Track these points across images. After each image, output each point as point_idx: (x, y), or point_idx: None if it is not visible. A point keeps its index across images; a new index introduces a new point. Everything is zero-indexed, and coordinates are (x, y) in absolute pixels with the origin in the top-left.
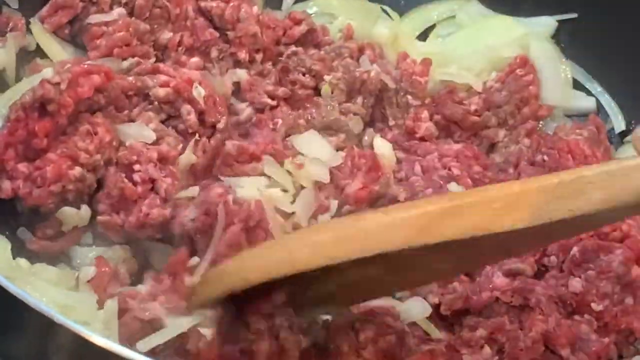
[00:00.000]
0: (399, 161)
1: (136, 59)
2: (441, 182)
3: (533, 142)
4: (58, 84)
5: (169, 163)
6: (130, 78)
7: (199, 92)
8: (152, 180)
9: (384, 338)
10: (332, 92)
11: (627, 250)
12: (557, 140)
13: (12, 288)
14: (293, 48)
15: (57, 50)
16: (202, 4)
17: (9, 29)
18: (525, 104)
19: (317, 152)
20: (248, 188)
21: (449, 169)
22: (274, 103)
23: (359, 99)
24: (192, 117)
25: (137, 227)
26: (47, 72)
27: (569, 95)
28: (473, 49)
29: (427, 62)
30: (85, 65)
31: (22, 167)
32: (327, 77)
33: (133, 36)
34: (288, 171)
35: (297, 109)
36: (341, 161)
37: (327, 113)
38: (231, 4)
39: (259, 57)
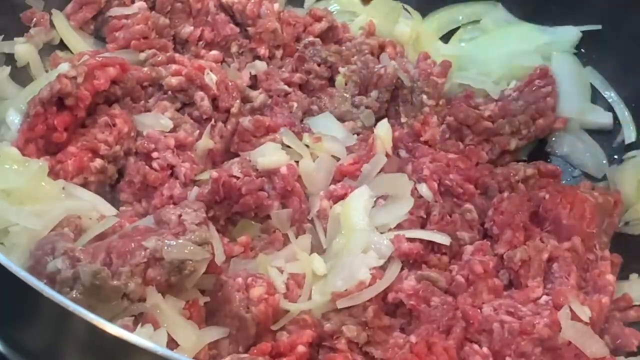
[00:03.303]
0: (401, 159)
1: (152, 50)
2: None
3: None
4: (74, 77)
5: (187, 149)
6: (145, 69)
7: (210, 78)
8: (171, 166)
9: None
10: (345, 84)
11: (554, 315)
12: (568, 189)
13: (27, 277)
14: (310, 38)
15: (78, 42)
16: None
17: (32, 24)
18: (541, 115)
19: (332, 132)
20: (270, 153)
21: (422, 171)
22: (289, 90)
23: (374, 93)
24: (206, 103)
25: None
26: (63, 67)
27: (586, 108)
28: (494, 55)
29: (446, 64)
30: (100, 59)
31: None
32: (341, 69)
33: (151, 29)
34: (306, 145)
35: (310, 98)
36: (355, 142)
37: (338, 104)
38: (252, 0)
39: (278, 53)
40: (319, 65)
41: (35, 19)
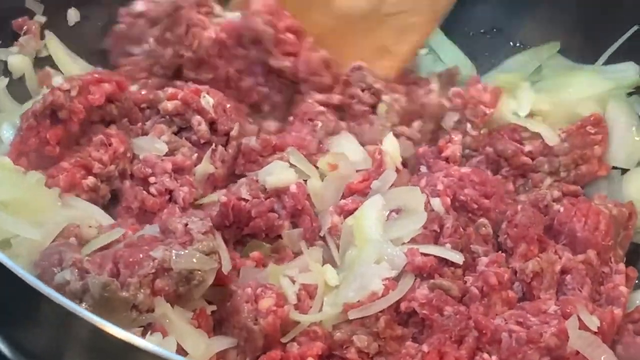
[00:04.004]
0: (419, 173)
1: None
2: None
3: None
4: (68, 90)
5: (185, 172)
6: (144, 91)
7: (207, 101)
8: (169, 191)
9: None
10: (386, 113)
11: (562, 324)
12: (582, 202)
13: (30, 279)
14: (358, 63)
15: (68, 63)
16: (274, 62)
17: (22, 32)
18: (585, 162)
19: (349, 153)
20: (278, 172)
21: (436, 186)
22: (323, 109)
23: (416, 124)
24: (203, 127)
25: None
26: (58, 80)
27: (633, 160)
28: (552, 102)
29: (497, 92)
30: (97, 75)
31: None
32: (385, 97)
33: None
34: (317, 167)
35: (350, 123)
36: (371, 166)
37: (378, 133)
38: (302, 59)
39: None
40: (362, 90)
41: (26, 27)
